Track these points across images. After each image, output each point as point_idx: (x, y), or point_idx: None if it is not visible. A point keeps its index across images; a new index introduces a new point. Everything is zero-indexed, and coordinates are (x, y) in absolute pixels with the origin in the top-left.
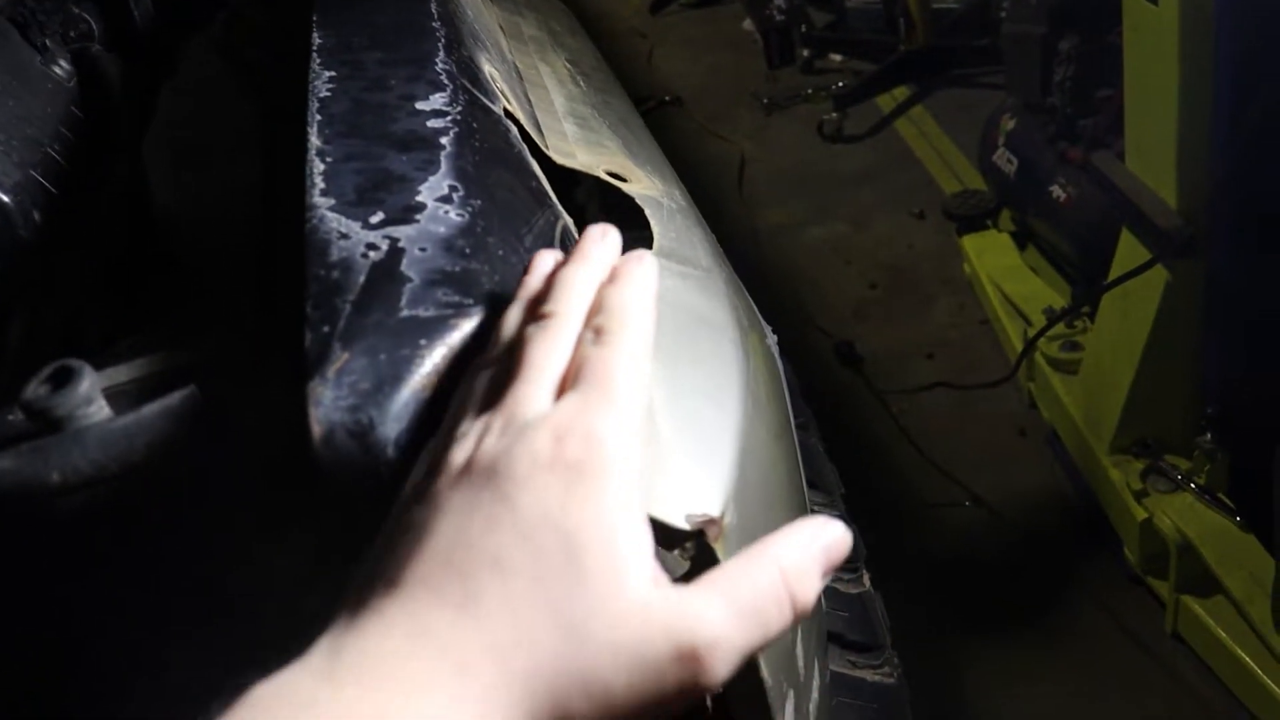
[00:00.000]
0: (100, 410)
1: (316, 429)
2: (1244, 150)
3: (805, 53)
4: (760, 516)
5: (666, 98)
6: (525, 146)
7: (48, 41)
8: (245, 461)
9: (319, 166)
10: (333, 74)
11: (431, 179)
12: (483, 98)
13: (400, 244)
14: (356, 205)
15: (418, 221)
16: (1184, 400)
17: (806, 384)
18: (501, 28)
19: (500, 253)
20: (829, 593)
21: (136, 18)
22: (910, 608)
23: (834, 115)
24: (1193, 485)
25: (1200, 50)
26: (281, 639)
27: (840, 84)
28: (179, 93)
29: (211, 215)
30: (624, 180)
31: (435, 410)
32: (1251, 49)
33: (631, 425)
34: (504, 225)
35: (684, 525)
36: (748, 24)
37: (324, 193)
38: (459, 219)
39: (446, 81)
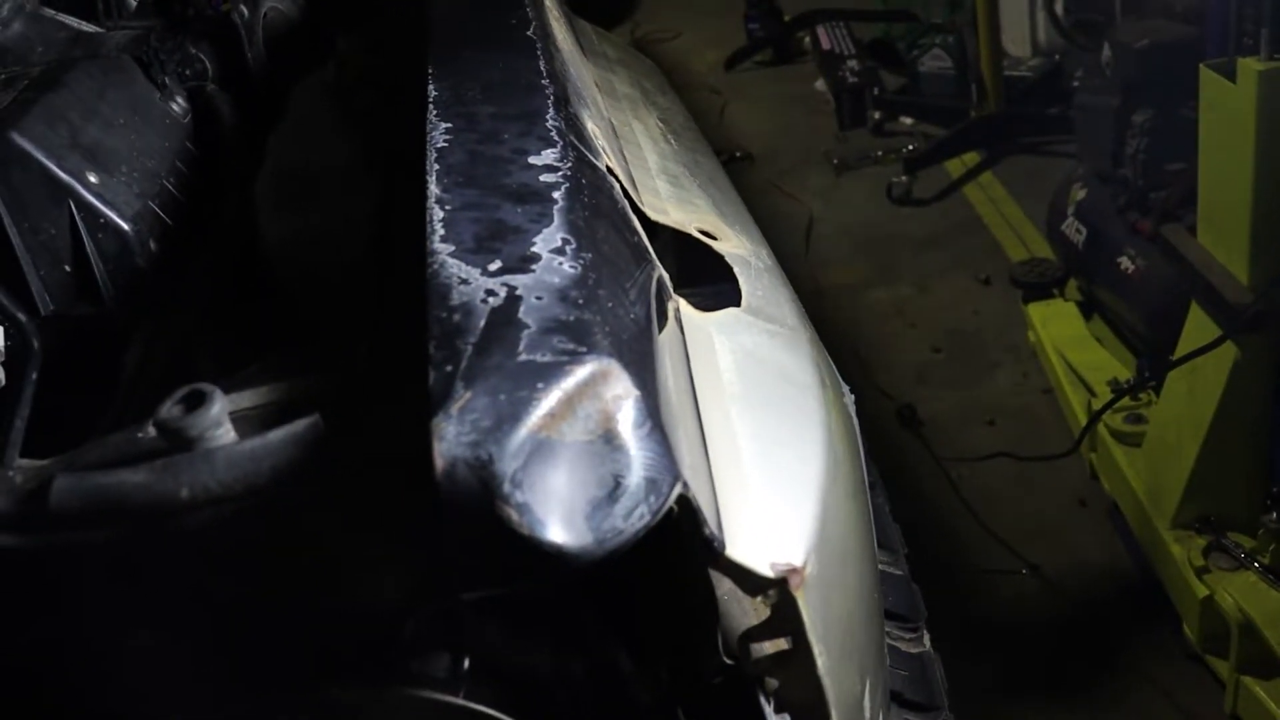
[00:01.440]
0: (228, 433)
1: (440, 462)
2: None
3: (876, 115)
4: (836, 569)
5: (737, 154)
6: (626, 203)
7: (167, 79)
8: (362, 491)
9: (439, 214)
10: (449, 125)
11: (545, 231)
12: (589, 154)
13: (518, 291)
14: (475, 253)
15: (534, 271)
16: (1249, 477)
17: (868, 445)
18: (597, 84)
19: (610, 304)
20: (890, 651)
21: (250, 60)
22: (963, 671)
23: (903, 178)
24: (1256, 564)
25: (1277, 127)
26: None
27: (910, 147)
28: (288, 133)
29: (318, 253)
30: (715, 239)
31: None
32: None
33: None
34: (612, 278)
35: (768, 573)
36: (820, 84)
37: (444, 239)
38: (572, 270)
39: (556, 138)
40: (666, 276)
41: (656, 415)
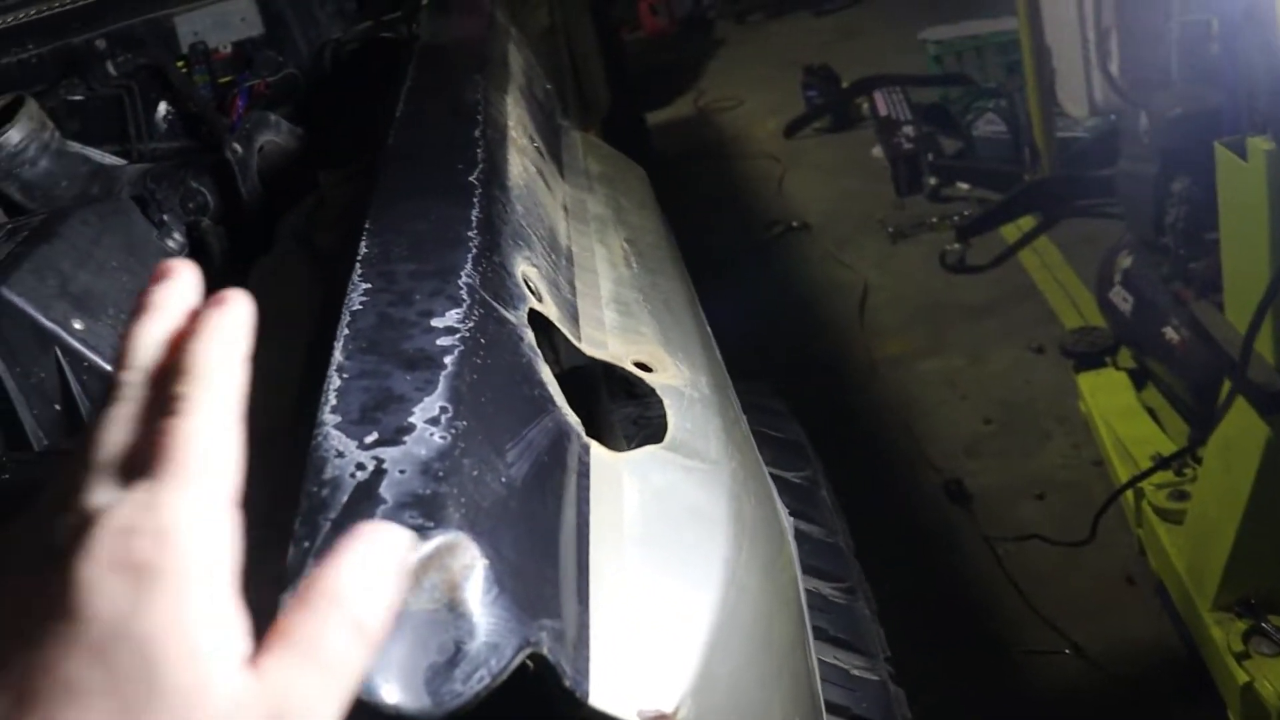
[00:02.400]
0: None
1: None
2: None
3: (933, 181)
4: (728, 710)
5: (794, 224)
6: (537, 355)
7: (165, 217)
8: None
9: (335, 383)
10: (368, 286)
11: (426, 400)
12: (500, 309)
13: (384, 465)
14: (358, 423)
15: (404, 444)
16: None
17: (910, 520)
18: (566, 208)
19: (475, 473)
20: None
21: (244, 194)
22: None
23: (956, 245)
24: None
25: None
26: None
27: (965, 213)
28: (261, 271)
29: (255, 399)
30: (649, 370)
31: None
32: None
33: (212, 506)
34: (486, 442)
35: (632, 719)
36: (877, 150)
37: (334, 409)
38: (441, 441)
39: (465, 296)
40: (574, 423)
41: (505, 581)
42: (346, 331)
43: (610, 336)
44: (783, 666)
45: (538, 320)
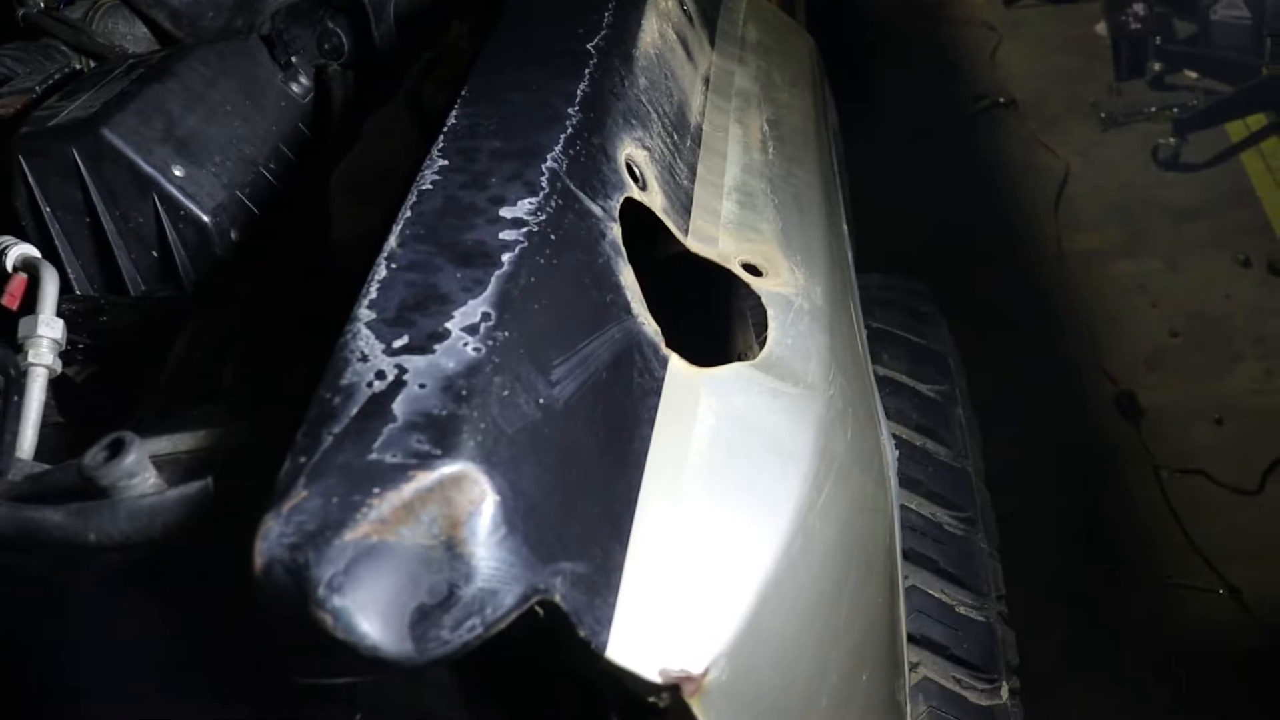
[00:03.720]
0: (145, 480)
1: (258, 560)
2: None
3: (1157, 66)
4: (775, 673)
5: (1001, 99)
6: (618, 254)
7: (294, 58)
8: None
9: (380, 273)
10: (444, 164)
11: (471, 303)
12: (585, 199)
13: (405, 376)
14: (391, 324)
15: (433, 352)
16: None
17: (1078, 427)
18: (708, 80)
19: (506, 392)
20: (956, 701)
21: (376, 39)
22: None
23: (1172, 140)
24: None
25: None
26: None
27: (1190, 104)
28: (371, 128)
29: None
30: (759, 274)
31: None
32: None
33: None
34: (529, 357)
35: (655, 679)
36: (1101, 27)
37: (370, 304)
38: (472, 354)
39: (545, 183)
40: (650, 334)
41: (516, 519)
42: (408, 214)
43: (723, 231)
44: (852, 620)
45: (638, 210)
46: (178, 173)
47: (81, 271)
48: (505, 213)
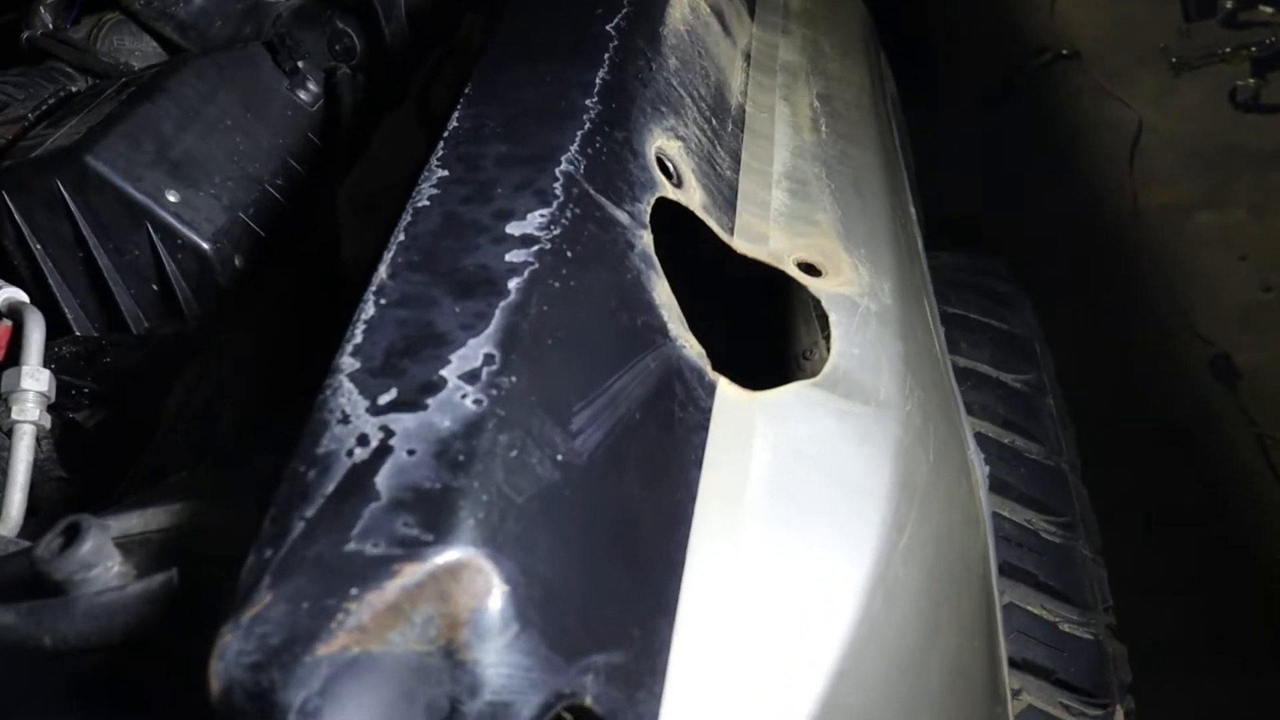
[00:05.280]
0: (106, 570)
1: (214, 683)
2: None
3: (1229, 3)
4: None
5: (1064, 51)
6: (651, 266)
7: (301, 63)
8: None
9: (368, 311)
10: (444, 175)
11: (471, 343)
12: (608, 205)
13: (392, 440)
14: (378, 374)
15: (425, 408)
16: None
17: (1171, 396)
18: (749, 55)
19: (514, 452)
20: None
21: (387, 38)
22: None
23: (1251, 80)
24: None
25: None
26: None
27: (1267, 41)
28: (381, 134)
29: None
30: (817, 274)
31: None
32: None
33: None
34: (542, 405)
35: None
36: None
37: (355, 350)
38: (472, 408)
39: (559, 190)
40: (692, 358)
41: (532, 613)
42: (401, 238)
43: (774, 227)
44: (945, 674)
45: (673, 210)
46: (172, 198)
47: (80, 311)
48: (513, 229)
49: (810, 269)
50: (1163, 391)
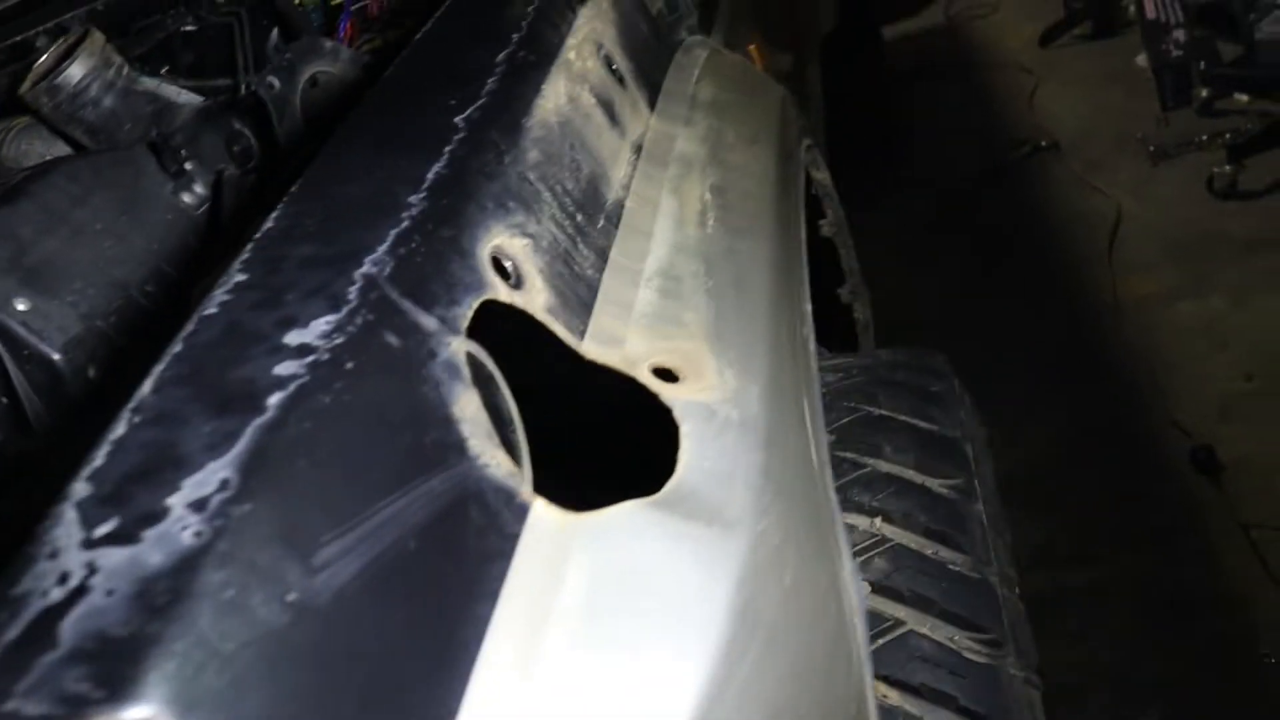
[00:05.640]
0: None
1: None
2: None
3: (1204, 92)
4: None
5: (1043, 143)
6: (457, 376)
7: (189, 165)
8: None
9: (118, 430)
10: (241, 279)
11: (211, 465)
12: (413, 310)
13: (93, 580)
14: (104, 502)
15: (140, 542)
16: None
17: (1153, 490)
18: (639, 147)
19: (230, 593)
20: None
21: (279, 137)
22: None
23: (1228, 168)
24: None
25: None
26: None
27: (1242, 128)
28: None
29: None
30: (673, 379)
31: None
32: None
33: None
34: (280, 536)
35: None
36: (1142, 59)
37: (93, 475)
38: (190, 541)
39: (354, 295)
40: (498, 479)
41: None
42: (178, 348)
43: (634, 328)
44: None
45: (510, 315)
46: (21, 306)
47: None
48: (291, 338)
49: (667, 375)
50: (1143, 484)
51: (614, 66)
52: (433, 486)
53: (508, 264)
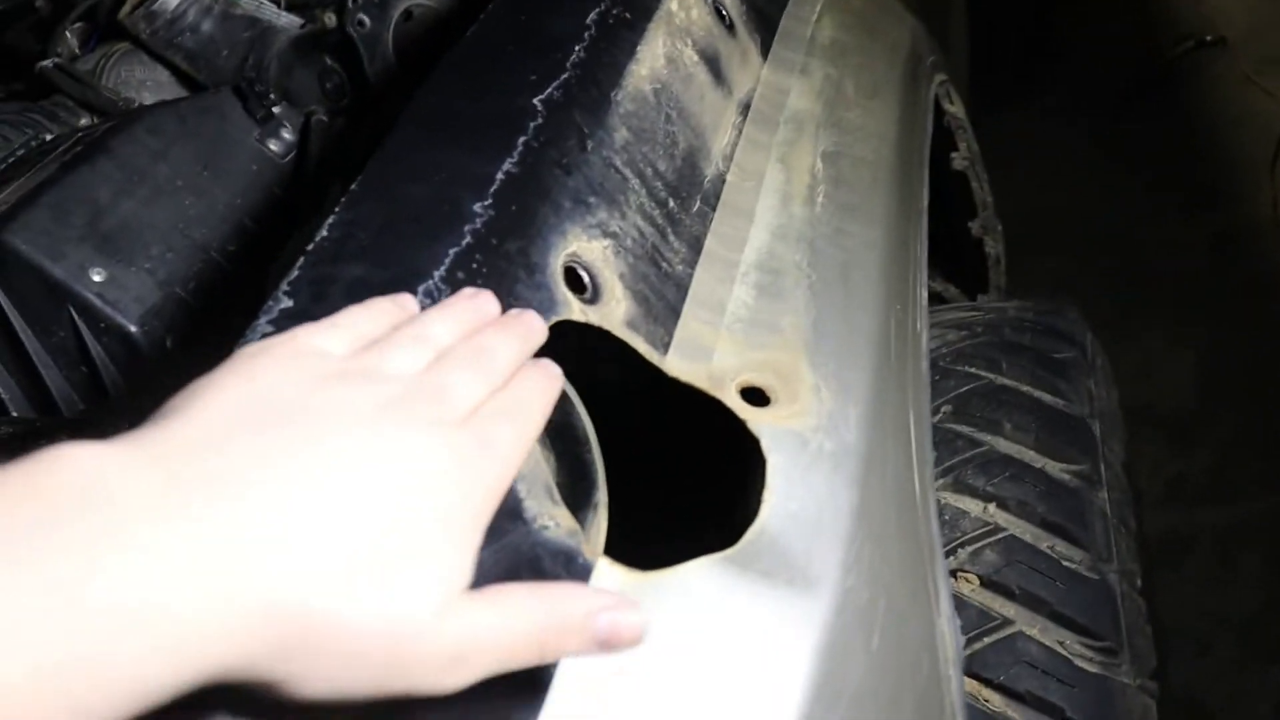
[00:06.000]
0: None
1: None
2: None
3: None
4: None
5: (1208, 38)
6: None
7: (276, 109)
8: None
9: None
10: (288, 306)
11: None
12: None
13: None
14: None
15: None
16: None
17: None
18: (747, 107)
19: None
20: None
21: (370, 77)
22: None
23: None
24: None
25: None
26: None
27: None
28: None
29: None
30: (764, 401)
31: None
32: None
33: (508, 471)
34: None
35: None
36: None
37: None
38: None
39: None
40: (561, 536)
41: None
42: None
43: (725, 336)
44: None
45: (581, 331)
46: (96, 277)
47: (18, 391)
48: None
49: (757, 396)
50: None
51: (723, 12)
52: (482, 560)
53: (584, 274)
